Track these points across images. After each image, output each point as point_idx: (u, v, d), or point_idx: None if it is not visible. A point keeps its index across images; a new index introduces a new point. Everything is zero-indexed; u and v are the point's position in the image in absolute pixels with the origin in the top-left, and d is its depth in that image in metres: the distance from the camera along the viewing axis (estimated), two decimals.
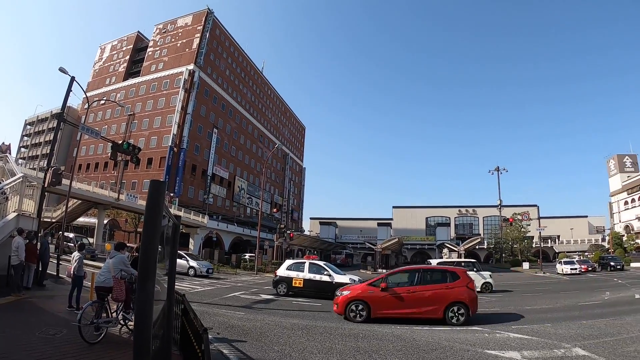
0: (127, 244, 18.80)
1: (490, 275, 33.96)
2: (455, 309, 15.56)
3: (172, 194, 74.45)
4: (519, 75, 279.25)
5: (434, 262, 33.88)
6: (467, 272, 17.52)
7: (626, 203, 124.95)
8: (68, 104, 30.64)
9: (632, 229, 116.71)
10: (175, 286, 6.05)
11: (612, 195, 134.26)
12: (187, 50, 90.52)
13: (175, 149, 78.98)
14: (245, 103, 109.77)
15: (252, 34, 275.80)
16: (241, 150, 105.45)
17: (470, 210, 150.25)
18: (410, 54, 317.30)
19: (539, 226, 77.68)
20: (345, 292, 16.85)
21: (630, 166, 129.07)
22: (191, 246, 68.35)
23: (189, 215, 66.70)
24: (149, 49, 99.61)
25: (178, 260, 36.10)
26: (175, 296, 7.37)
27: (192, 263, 37.36)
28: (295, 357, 9.54)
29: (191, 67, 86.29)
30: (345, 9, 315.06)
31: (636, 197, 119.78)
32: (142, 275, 3.15)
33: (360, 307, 16.03)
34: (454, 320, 15.35)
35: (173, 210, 60.20)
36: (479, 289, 29.82)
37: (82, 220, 68.54)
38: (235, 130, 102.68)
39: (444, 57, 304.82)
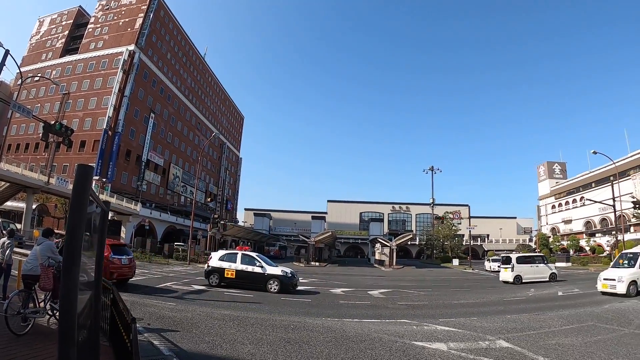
0: (56, 231, 18.17)
1: (555, 267, 38.07)
2: None
3: (104, 180, 72.41)
4: (454, 83, 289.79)
5: (513, 256, 36.10)
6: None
7: (553, 207, 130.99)
8: (0, 79, 29.44)
9: (558, 231, 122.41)
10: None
11: (541, 199, 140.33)
12: (128, 29, 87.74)
13: (109, 132, 76.50)
14: (184, 89, 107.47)
15: (197, 18, 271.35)
16: (177, 137, 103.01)
17: (404, 207, 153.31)
18: (352, 58, 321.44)
19: (469, 225, 79.88)
20: None
21: (559, 173, 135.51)
22: (123, 234, 66.71)
23: (121, 202, 64.98)
24: (89, 26, 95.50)
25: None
26: (104, 285, 7.16)
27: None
28: (226, 348, 9.56)
29: (132, 47, 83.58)
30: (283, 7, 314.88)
31: (563, 202, 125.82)
32: (67, 262, 3.03)
33: None
34: None
35: (105, 196, 58.80)
36: (547, 279, 34.35)
37: (9, 204, 65.44)
38: (173, 116, 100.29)
39: (382, 64, 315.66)
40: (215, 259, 24.92)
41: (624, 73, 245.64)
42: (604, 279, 22.91)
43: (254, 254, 25.50)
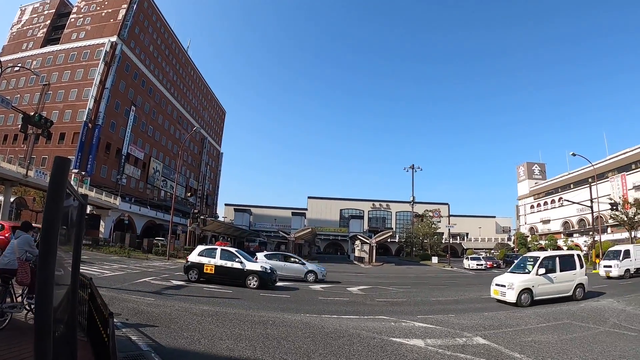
0: (34, 224, 17.83)
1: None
2: None
3: (83, 173, 71.60)
4: (440, 91, 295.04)
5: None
6: None
7: (532, 207, 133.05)
8: None
9: (537, 231, 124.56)
10: (82, 270, 5.81)
11: (520, 199, 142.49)
12: (111, 20, 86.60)
13: (90, 124, 75.55)
14: (166, 82, 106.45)
15: (180, 10, 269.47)
16: (158, 131, 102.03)
17: (384, 204, 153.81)
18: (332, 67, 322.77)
19: (449, 223, 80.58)
20: None
21: (539, 174, 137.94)
22: (102, 228, 66.15)
23: (101, 196, 64.26)
24: (72, 16, 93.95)
25: (291, 265, 29.87)
26: (81, 280, 7.08)
27: (311, 266, 31.10)
28: (205, 343, 9.55)
29: (114, 39, 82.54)
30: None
31: (542, 202, 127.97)
32: (43, 254, 3.00)
33: None
34: None
35: (84, 190, 58.20)
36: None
37: None
38: (154, 109, 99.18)
39: (363, 71, 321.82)
40: (194, 254, 24.77)
41: (605, 80, 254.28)
42: (495, 285, 21.01)
43: (233, 250, 25.40)
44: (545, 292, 20.22)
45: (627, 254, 35.81)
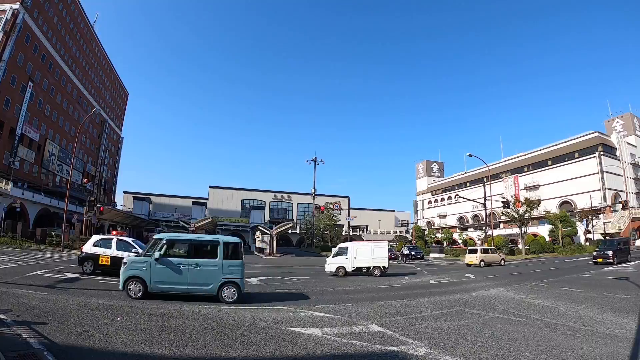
0: None
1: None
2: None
3: None
4: (347, 90, 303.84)
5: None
6: None
7: (430, 202, 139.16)
8: None
9: (434, 225, 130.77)
10: None
11: (418, 195, 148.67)
12: None
13: None
14: (68, 58, 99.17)
15: None
16: (56, 110, 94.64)
17: (286, 196, 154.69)
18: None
19: (349, 216, 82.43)
20: None
21: (437, 172, 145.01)
22: None
23: None
24: None
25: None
26: None
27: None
28: (99, 338, 9.41)
29: (17, 6, 74.66)
30: None
31: (439, 198, 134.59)
32: None
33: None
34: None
35: None
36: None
37: None
38: (53, 86, 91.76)
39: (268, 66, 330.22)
40: (89, 245, 24.10)
41: (503, 86, 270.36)
42: None
43: (129, 239, 24.97)
44: None
45: (343, 251, 34.67)
